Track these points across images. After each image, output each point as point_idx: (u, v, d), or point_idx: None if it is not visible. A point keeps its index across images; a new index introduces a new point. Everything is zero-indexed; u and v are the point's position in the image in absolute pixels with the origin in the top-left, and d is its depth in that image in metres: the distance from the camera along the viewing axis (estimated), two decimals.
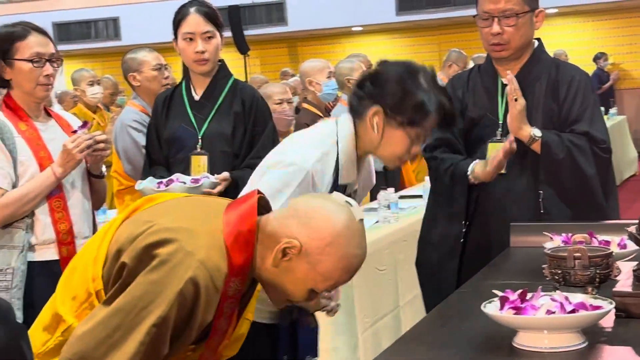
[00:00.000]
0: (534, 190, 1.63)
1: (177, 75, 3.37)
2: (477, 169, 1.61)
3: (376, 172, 2.81)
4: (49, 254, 1.63)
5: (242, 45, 10.20)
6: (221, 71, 2.07)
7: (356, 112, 1.29)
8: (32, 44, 1.61)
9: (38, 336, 0.86)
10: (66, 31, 11.20)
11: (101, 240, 0.89)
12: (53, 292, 1.00)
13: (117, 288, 0.80)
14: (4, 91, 1.71)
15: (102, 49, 11.68)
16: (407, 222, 2.80)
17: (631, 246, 1.21)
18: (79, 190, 1.71)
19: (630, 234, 1.10)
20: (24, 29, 1.63)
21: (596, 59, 10.26)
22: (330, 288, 0.91)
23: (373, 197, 3.14)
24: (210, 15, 1.99)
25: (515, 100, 1.52)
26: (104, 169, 1.83)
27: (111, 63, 11.09)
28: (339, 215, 0.87)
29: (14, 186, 1.59)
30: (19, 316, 1.47)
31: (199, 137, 1.99)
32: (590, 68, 10.27)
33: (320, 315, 1.43)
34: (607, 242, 1.25)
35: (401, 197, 3.16)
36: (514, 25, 1.58)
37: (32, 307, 1.47)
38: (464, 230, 1.70)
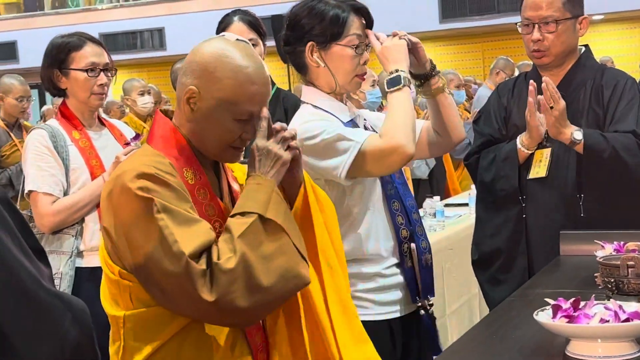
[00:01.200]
0: (577, 195, 1.58)
1: None
2: (523, 137, 1.61)
3: (421, 180, 2.76)
4: (97, 260, 1.54)
5: (285, 54, 10.22)
6: None
7: (301, 67, 1.37)
8: (88, 54, 1.64)
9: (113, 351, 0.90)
10: (113, 42, 11.37)
11: None
12: (99, 297, 1.02)
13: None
14: (60, 100, 1.77)
15: (148, 59, 11.96)
16: (453, 231, 2.76)
17: None
18: None
19: None
20: (79, 39, 1.65)
21: None
22: (248, 112, 0.89)
23: (419, 206, 3.13)
24: (253, 23, 1.98)
25: (551, 107, 1.49)
26: None
27: (156, 73, 11.57)
28: (212, 44, 0.92)
29: (66, 193, 1.60)
30: None
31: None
32: (637, 75, 9.68)
33: None
34: None
35: (446, 205, 3.12)
36: (554, 32, 1.57)
37: None
38: (523, 205, 1.63)
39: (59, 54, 1.64)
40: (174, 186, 0.82)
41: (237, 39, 0.95)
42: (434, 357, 1.37)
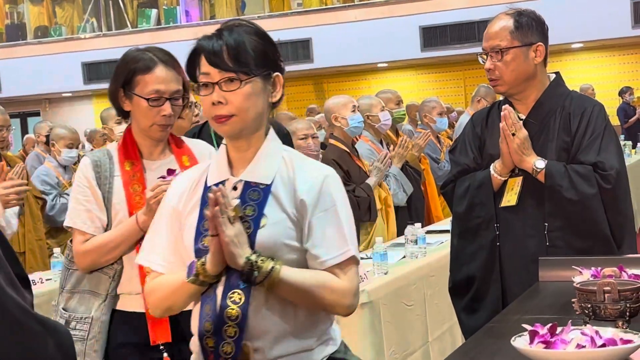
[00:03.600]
0: (541, 222, 1.62)
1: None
2: (497, 164, 1.65)
3: (399, 207, 2.73)
4: (134, 305, 1.45)
5: None
6: None
7: None
8: (153, 81, 1.43)
9: None
10: (96, 71, 11.40)
11: None
12: (134, 343, 0.99)
13: None
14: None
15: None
16: (435, 257, 2.78)
17: None
18: None
19: None
20: (150, 61, 1.45)
21: (622, 92, 10.25)
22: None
23: (400, 233, 3.17)
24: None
25: (513, 134, 1.55)
26: None
27: None
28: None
29: (106, 230, 1.47)
30: None
31: None
32: (616, 102, 10.16)
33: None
34: (637, 276, 1.24)
35: (428, 232, 3.14)
36: (501, 60, 1.63)
37: (107, 357, 1.43)
38: (497, 233, 1.67)
39: (126, 73, 1.45)
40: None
41: None
42: None
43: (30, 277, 1.47)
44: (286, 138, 2.19)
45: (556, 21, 5.59)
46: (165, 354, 1.44)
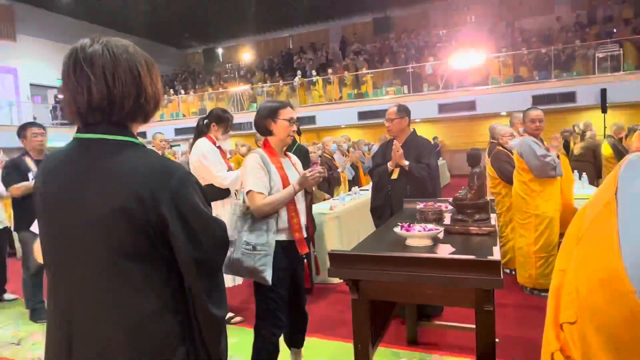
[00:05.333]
0: (409, 184, 3.37)
1: None
2: (389, 163, 3.39)
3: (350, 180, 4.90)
4: (285, 235, 2.17)
5: None
6: None
7: None
8: (289, 112, 2.21)
9: None
10: None
11: None
12: (285, 261, 2.11)
13: None
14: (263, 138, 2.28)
15: None
16: (364, 199, 4.89)
17: (450, 207, 2.42)
18: (301, 199, 2.27)
19: (450, 202, 2.39)
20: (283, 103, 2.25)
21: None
22: None
23: (350, 189, 5.77)
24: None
25: (398, 151, 3.30)
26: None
27: None
28: None
29: (270, 194, 2.10)
30: (269, 273, 2.04)
31: None
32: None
33: None
34: (440, 205, 2.38)
35: (361, 189, 5.60)
36: (390, 124, 3.47)
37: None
38: (389, 188, 3.43)
39: (272, 110, 2.26)
40: None
41: None
42: None
43: None
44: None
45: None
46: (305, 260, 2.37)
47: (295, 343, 2.50)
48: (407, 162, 3.32)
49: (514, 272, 4.25)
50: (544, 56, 13.07)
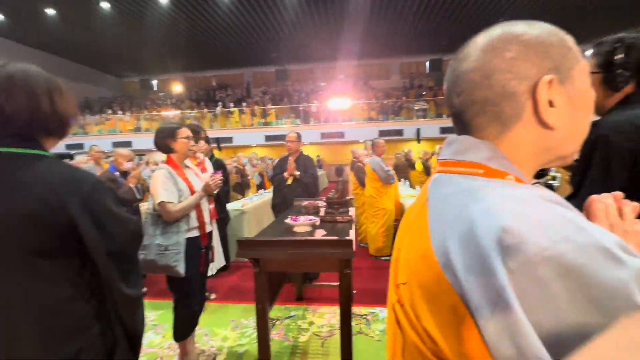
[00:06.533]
0: (299, 188, 3.23)
1: None
2: (285, 173, 3.07)
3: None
4: (195, 232, 1.89)
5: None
6: None
7: None
8: (185, 131, 1.93)
9: None
10: None
11: None
12: (195, 252, 1.79)
13: None
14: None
15: None
16: (266, 200, 4.65)
17: (325, 204, 2.71)
18: (205, 201, 1.98)
19: (325, 200, 2.54)
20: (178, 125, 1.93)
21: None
22: None
23: (257, 192, 5.02)
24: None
25: (291, 165, 3.23)
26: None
27: None
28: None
29: (180, 201, 1.82)
30: (182, 266, 1.77)
31: None
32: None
33: None
34: (318, 202, 2.63)
35: (266, 192, 5.28)
36: (291, 144, 3.50)
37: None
38: (285, 190, 3.40)
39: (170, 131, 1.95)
40: None
41: None
42: None
43: None
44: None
45: None
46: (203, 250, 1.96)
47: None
48: (298, 172, 3.35)
49: (367, 245, 4.57)
50: (385, 105, 14.56)
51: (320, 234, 1.77)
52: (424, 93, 15.35)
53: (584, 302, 0.30)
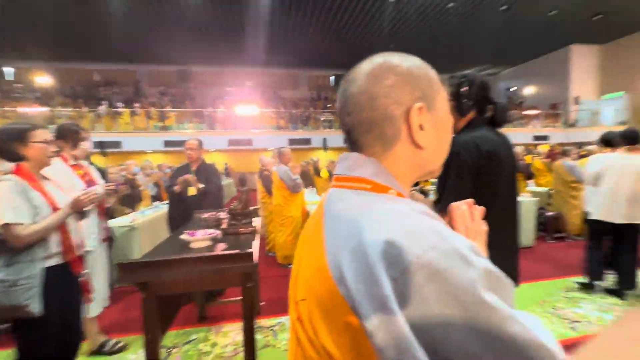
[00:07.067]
0: (201, 199, 2.97)
1: None
2: (176, 187, 2.78)
3: None
4: (58, 259, 1.56)
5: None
6: None
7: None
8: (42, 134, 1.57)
9: None
10: None
11: None
12: (58, 286, 1.42)
13: None
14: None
15: None
16: (162, 213, 4.08)
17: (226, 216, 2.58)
18: (72, 219, 1.66)
19: (229, 211, 2.44)
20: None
21: None
22: None
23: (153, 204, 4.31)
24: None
25: (193, 177, 2.80)
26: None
27: None
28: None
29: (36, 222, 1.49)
30: (37, 304, 1.44)
31: None
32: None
33: None
34: (221, 214, 2.51)
35: (163, 203, 4.39)
36: (192, 152, 3.24)
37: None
38: (185, 206, 3.13)
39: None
40: None
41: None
42: None
43: None
44: None
45: None
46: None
47: None
48: (202, 185, 3.08)
49: (275, 255, 4.55)
50: (294, 115, 14.94)
51: (220, 248, 1.68)
52: (329, 105, 16.36)
53: (448, 301, 0.35)
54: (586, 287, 3.10)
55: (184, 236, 1.78)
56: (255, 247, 1.65)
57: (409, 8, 10.18)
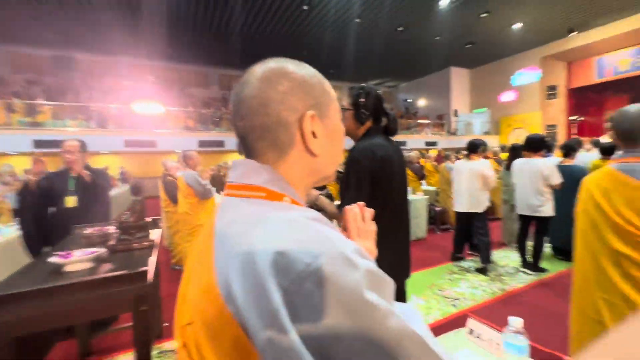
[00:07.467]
0: (82, 211, 2.64)
1: None
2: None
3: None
4: None
5: None
6: None
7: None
8: None
9: None
10: None
11: None
12: None
13: None
14: None
15: None
16: None
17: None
18: None
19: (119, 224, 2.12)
20: None
21: None
22: None
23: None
24: None
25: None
26: None
27: None
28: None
29: None
30: None
31: None
32: None
33: None
34: (109, 228, 2.17)
35: None
36: (71, 155, 2.76)
37: None
38: (57, 220, 2.60)
39: None
40: None
41: None
42: None
43: None
44: None
45: None
46: None
47: None
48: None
49: (182, 268, 4.17)
50: (204, 115, 14.00)
51: (104, 270, 1.44)
52: None
53: (336, 304, 0.35)
54: (480, 271, 3.75)
55: (53, 259, 1.47)
56: (151, 264, 1.47)
57: (320, 18, 10.69)
